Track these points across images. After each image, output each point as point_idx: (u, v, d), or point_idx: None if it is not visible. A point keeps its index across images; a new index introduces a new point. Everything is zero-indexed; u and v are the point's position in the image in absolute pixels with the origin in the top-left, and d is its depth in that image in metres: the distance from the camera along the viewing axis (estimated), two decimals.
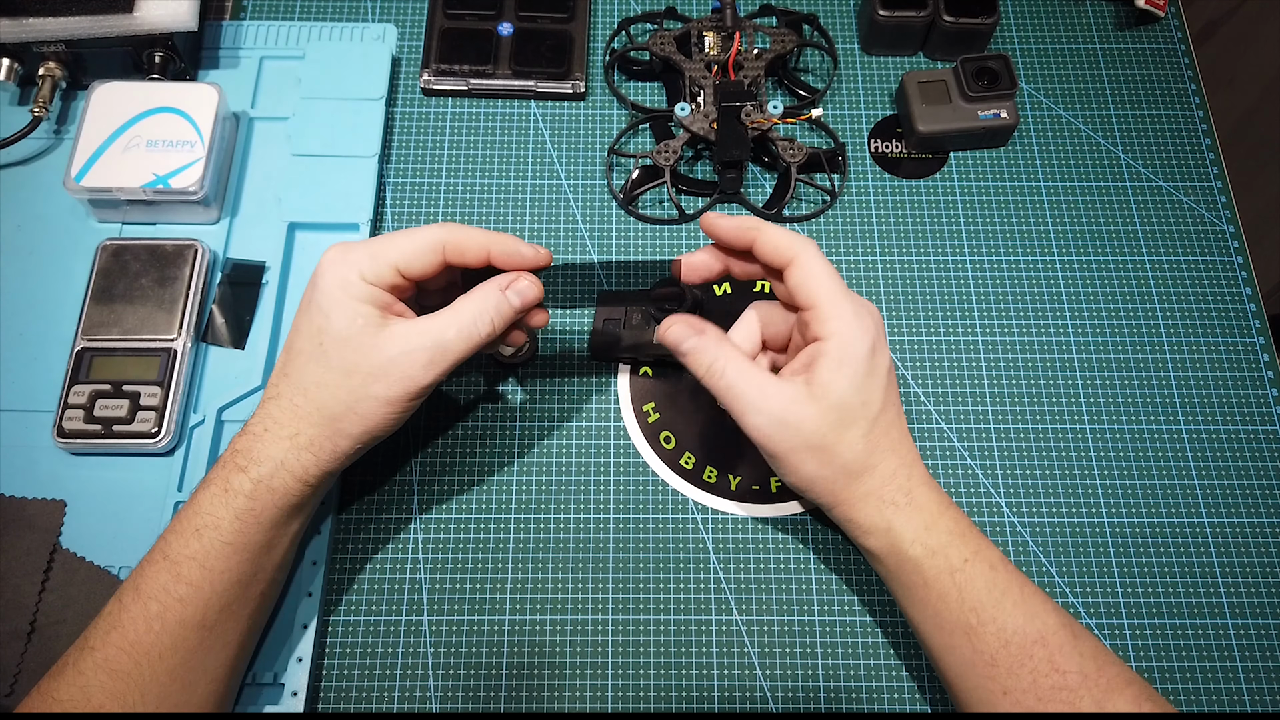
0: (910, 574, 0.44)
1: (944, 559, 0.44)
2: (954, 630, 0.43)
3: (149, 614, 0.41)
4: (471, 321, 0.44)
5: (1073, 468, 0.55)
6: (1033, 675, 0.41)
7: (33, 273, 0.56)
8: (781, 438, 0.44)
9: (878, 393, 0.45)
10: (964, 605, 0.43)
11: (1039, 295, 0.59)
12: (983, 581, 0.43)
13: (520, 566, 0.52)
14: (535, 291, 0.46)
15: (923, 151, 0.64)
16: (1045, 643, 0.42)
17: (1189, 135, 0.65)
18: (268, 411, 0.44)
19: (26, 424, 0.52)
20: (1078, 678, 0.41)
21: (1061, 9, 0.69)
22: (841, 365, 0.44)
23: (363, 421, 0.44)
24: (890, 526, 0.44)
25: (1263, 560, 0.53)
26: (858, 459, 0.44)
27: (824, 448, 0.44)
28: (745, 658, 0.50)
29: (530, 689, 0.49)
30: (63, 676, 0.40)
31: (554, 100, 0.64)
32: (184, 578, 0.41)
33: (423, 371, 0.43)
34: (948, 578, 0.43)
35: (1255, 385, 0.57)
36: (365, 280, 0.43)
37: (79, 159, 0.55)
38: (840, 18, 0.68)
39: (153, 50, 0.59)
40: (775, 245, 0.46)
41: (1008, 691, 0.42)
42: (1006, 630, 0.42)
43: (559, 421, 0.55)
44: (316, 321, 0.43)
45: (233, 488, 0.42)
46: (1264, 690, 0.50)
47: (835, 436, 0.44)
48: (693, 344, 0.46)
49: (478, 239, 0.45)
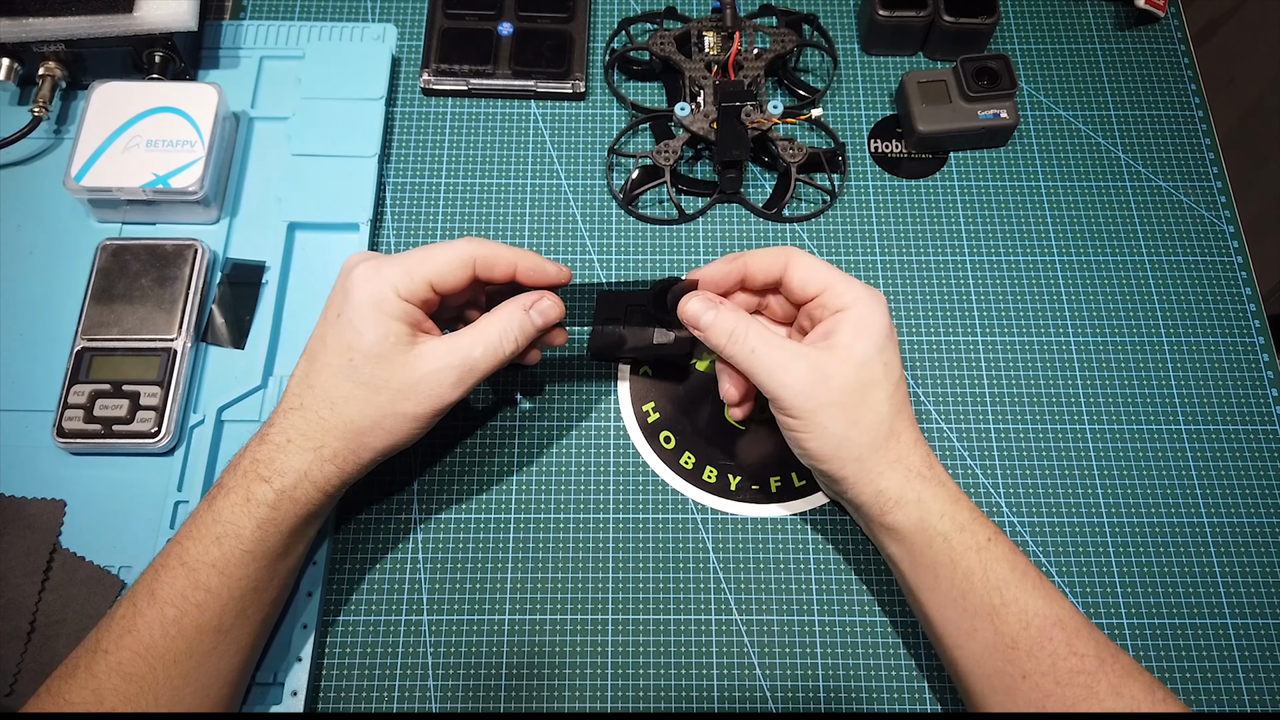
0: (939, 550, 0.44)
1: (971, 536, 0.44)
2: (977, 612, 0.43)
3: (165, 619, 0.41)
4: (498, 340, 0.45)
5: (1073, 468, 0.55)
6: (1052, 658, 0.41)
7: (33, 273, 0.56)
8: (811, 394, 0.44)
9: (896, 361, 0.46)
10: (989, 584, 0.43)
11: (1039, 295, 0.59)
12: (1006, 562, 0.43)
13: (520, 566, 0.52)
14: (557, 312, 0.47)
15: (923, 151, 0.64)
16: (1064, 625, 0.42)
17: (1189, 135, 0.65)
18: (290, 422, 0.44)
19: (26, 424, 0.52)
20: (1095, 661, 0.41)
21: (1061, 9, 0.69)
22: (863, 328, 0.45)
23: (388, 436, 0.44)
24: (920, 498, 0.44)
25: (1263, 560, 0.53)
26: (883, 421, 0.45)
27: (852, 405, 0.44)
28: (745, 658, 0.50)
29: (530, 689, 0.49)
30: (74, 678, 0.40)
31: (554, 100, 0.64)
32: (202, 584, 0.42)
33: (451, 389, 0.44)
34: (974, 555, 0.43)
35: (1255, 385, 0.57)
36: (400, 297, 0.44)
37: (79, 159, 0.55)
38: (840, 18, 0.68)
39: (153, 50, 0.59)
40: (766, 259, 0.48)
41: (1026, 675, 0.41)
42: (1028, 611, 0.42)
43: (559, 421, 0.55)
44: (347, 337, 0.43)
45: (255, 497, 0.43)
46: (1264, 690, 0.50)
47: (862, 395, 0.44)
48: (711, 316, 0.46)
49: (506, 255, 0.47)
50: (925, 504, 0.44)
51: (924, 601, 0.45)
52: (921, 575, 0.45)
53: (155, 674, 0.40)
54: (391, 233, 0.60)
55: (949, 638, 0.44)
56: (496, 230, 0.60)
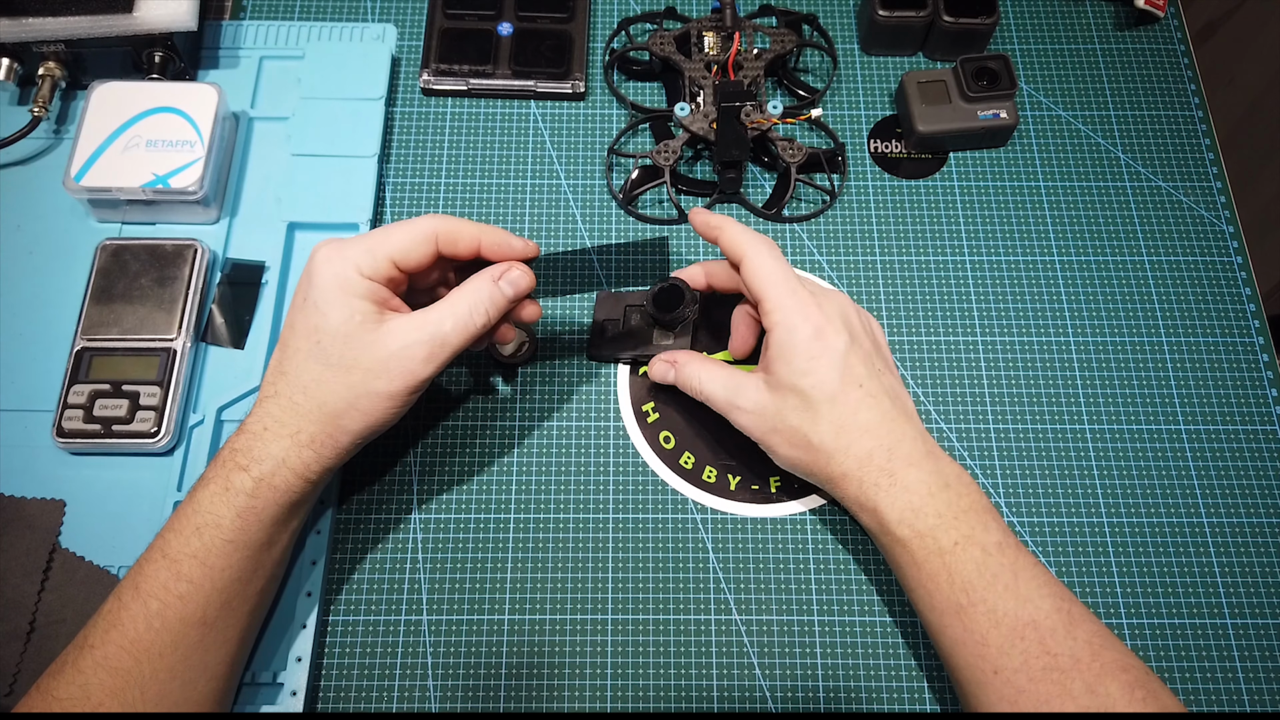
0: (900, 554, 0.45)
1: (933, 541, 0.44)
2: (945, 610, 0.44)
3: (149, 611, 0.41)
4: (467, 312, 0.45)
5: (1073, 468, 0.55)
6: (1024, 656, 0.42)
7: (33, 273, 0.56)
8: (756, 425, 0.48)
9: (830, 374, 0.46)
10: (954, 586, 0.43)
11: (1039, 295, 0.59)
12: (973, 566, 0.43)
13: (520, 566, 0.52)
14: (527, 281, 0.47)
15: (922, 151, 0.64)
16: (1037, 626, 0.42)
17: (1189, 135, 0.65)
18: (266, 410, 0.44)
19: (26, 424, 0.52)
20: (1069, 660, 0.41)
21: (1061, 9, 0.69)
22: (781, 352, 0.47)
23: (364, 417, 0.44)
24: (876, 507, 0.45)
25: (1263, 560, 0.53)
26: (825, 440, 0.46)
27: (788, 429, 0.47)
28: (745, 658, 0.50)
29: (530, 689, 0.49)
30: (62, 675, 0.40)
31: (554, 100, 0.64)
32: (184, 575, 0.41)
33: (422, 365, 0.44)
34: (937, 559, 0.44)
35: (1255, 385, 0.57)
36: (363, 275, 0.44)
37: (79, 159, 0.55)
38: (840, 18, 0.68)
39: (153, 50, 0.59)
40: (731, 242, 0.50)
41: (998, 670, 0.42)
42: (997, 611, 0.42)
43: (559, 421, 0.55)
44: (313, 319, 0.43)
45: (234, 486, 0.42)
46: (1264, 690, 0.50)
47: (796, 419, 0.46)
48: (673, 375, 0.52)
49: (469, 230, 0.46)
50: (881, 512, 0.46)
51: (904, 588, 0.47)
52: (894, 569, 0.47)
53: (141, 668, 0.40)
54: None
55: (928, 627, 0.46)
56: None
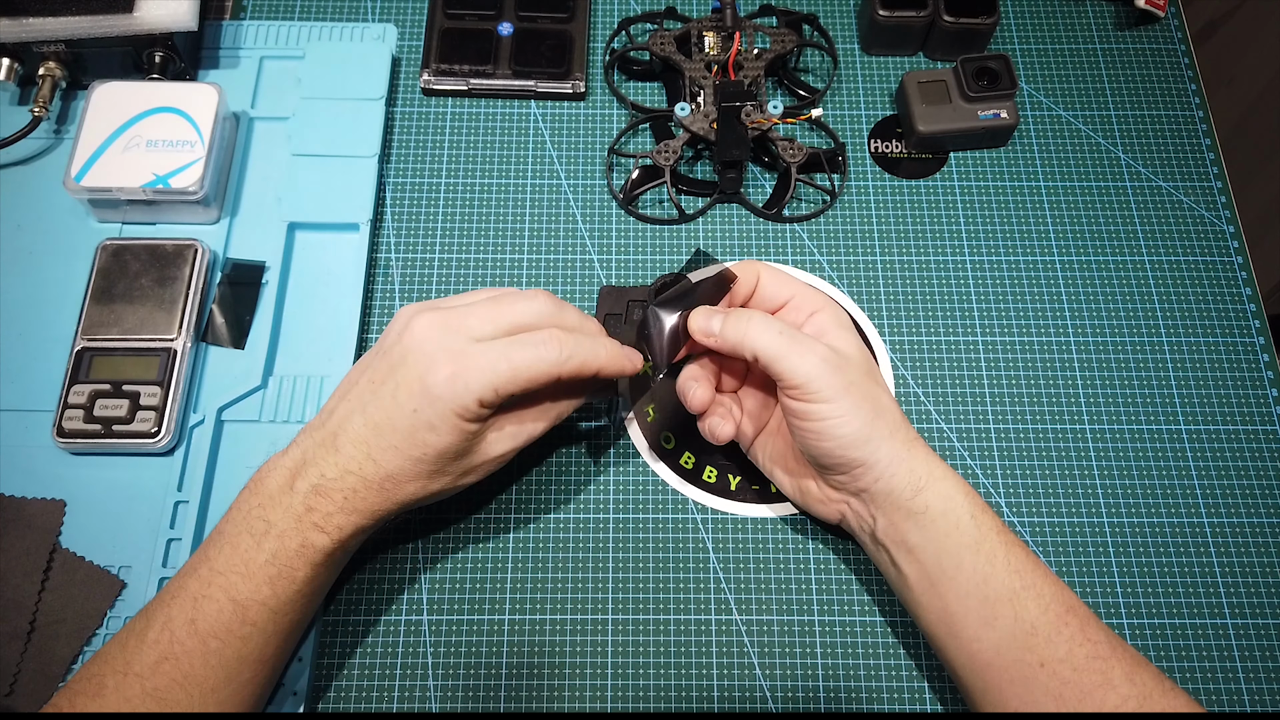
0: (965, 532, 0.43)
1: (990, 518, 0.44)
2: (998, 598, 0.42)
3: (207, 650, 0.41)
4: (556, 415, 0.48)
5: (1073, 468, 0.55)
6: (1069, 644, 0.41)
7: (33, 273, 0.56)
8: (838, 371, 0.43)
9: None
10: (1010, 567, 0.43)
11: (1039, 295, 0.59)
12: (1019, 546, 0.43)
13: (520, 566, 0.52)
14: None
15: (923, 151, 0.64)
16: (1076, 611, 0.42)
17: (1189, 135, 0.65)
18: (350, 486, 0.43)
19: (26, 424, 0.52)
20: (1108, 647, 0.41)
21: (1061, 9, 0.69)
22: (840, 326, 0.47)
23: (433, 499, 0.47)
24: (946, 475, 0.44)
25: (1263, 560, 0.53)
26: (894, 403, 0.46)
27: (869, 386, 0.45)
28: (745, 658, 0.50)
29: (530, 689, 0.49)
30: (102, 699, 0.40)
31: (554, 100, 0.64)
32: (250, 620, 0.42)
33: (507, 459, 0.47)
34: (995, 537, 0.43)
35: (1255, 385, 0.57)
36: (484, 407, 0.43)
37: (79, 159, 0.55)
38: (840, 18, 0.68)
39: (153, 50, 0.59)
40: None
41: (1045, 663, 0.41)
42: (1045, 595, 0.42)
43: None
44: (424, 435, 0.43)
45: (312, 544, 0.43)
46: (1264, 690, 0.50)
47: (873, 378, 0.46)
48: (718, 322, 0.46)
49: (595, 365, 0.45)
50: (950, 481, 0.44)
51: (944, 593, 0.43)
52: (945, 563, 0.43)
53: (191, 700, 0.41)
54: (391, 233, 0.60)
55: (968, 630, 0.43)
56: (497, 230, 0.60)
